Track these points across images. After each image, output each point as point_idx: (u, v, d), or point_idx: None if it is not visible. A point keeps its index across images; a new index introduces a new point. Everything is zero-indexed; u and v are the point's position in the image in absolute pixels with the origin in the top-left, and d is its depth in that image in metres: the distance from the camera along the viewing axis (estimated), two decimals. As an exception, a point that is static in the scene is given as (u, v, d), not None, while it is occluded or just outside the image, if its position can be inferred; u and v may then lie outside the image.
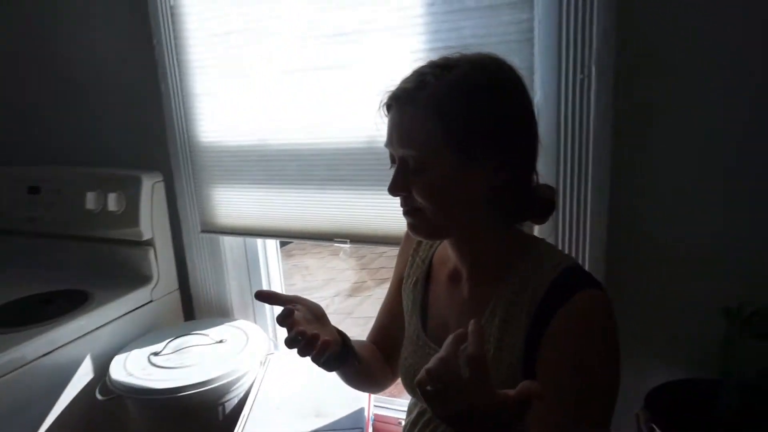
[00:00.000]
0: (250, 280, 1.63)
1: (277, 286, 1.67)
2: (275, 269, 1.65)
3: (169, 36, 1.41)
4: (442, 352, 0.59)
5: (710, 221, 1.09)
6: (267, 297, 0.85)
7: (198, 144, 1.46)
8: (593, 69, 1.07)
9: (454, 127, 0.70)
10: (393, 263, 1.05)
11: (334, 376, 0.96)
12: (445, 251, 0.88)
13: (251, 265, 1.62)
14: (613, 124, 1.09)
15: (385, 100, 0.77)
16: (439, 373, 0.58)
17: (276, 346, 1.62)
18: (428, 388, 0.59)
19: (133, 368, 1.34)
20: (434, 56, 0.77)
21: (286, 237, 1.45)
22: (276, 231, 1.43)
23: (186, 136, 1.47)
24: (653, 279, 1.15)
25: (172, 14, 1.39)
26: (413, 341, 0.89)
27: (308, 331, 0.76)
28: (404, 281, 0.94)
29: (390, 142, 0.76)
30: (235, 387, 1.34)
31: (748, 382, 1.05)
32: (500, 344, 0.76)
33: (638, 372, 1.08)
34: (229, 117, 1.40)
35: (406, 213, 0.78)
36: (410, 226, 0.79)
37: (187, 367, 1.33)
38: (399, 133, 0.74)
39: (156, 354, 1.40)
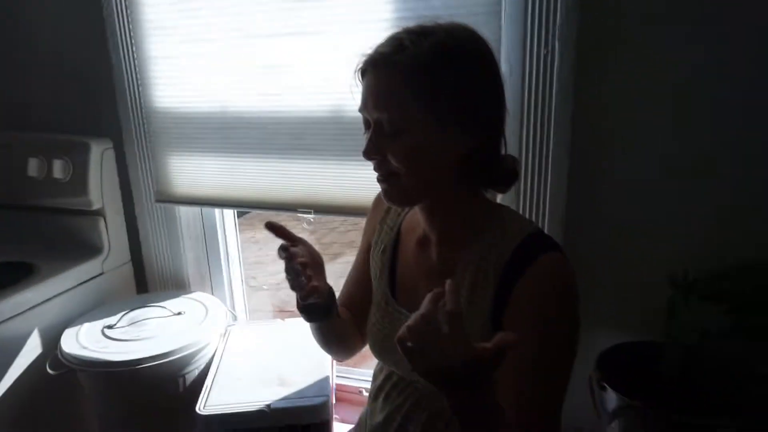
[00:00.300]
0: (207, 252, 1.59)
1: (235, 259, 1.64)
2: (233, 241, 1.62)
3: (119, -7, 1.33)
4: (422, 310, 0.61)
5: (660, 194, 1.16)
6: (276, 229, 0.84)
7: (153, 110, 1.40)
8: (557, 44, 1.10)
9: (428, 91, 0.71)
10: (344, 238, 1.06)
11: (296, 345, 0.97)
12: (414, 218, 0.90)
13: (209, 237, 1.58)
14: (575, 98, 1.13)
15: (360, 65, 0.77)
16: (419, 328, 0.60)
17: (235, 318, 1.60)
18: (409, 344, 0.61)
19: (87, 341, 1.30)
20: (405, 24, 0.77)
21: (248, 207, 1.42)
22: (237, 201, 1.40)
23: (140, 101, 1.40)
24: (606, 247, 1.21)
25: (124, -30, 1.31)
26: (381, 307, 0.91)
27: (307, 269, 0.80)
28: (372, 248, 0.95)
29: (365, 106, 0.76)
30: (195, 359, 1.32)
31: (690, 344, 1.13)
32: (470, 306, 0.79)
33: (591, 335, 1.14)
34: (188, 82, 1.35)
35: (380, 178, 0.79)
36: (384, 192, 0.79)
37: (144, 340, 1.30)
38: (375, 96, 0.74)
39: (110, 327, 1.35)
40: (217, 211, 1.55)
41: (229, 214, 1.59)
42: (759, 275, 1.01)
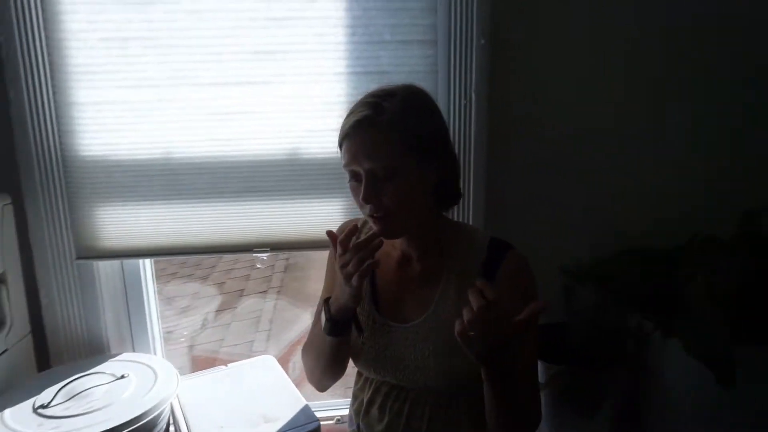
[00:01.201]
0: (128, 309, 1.48)
1: (155, 312, 1.55)
2: (152, 293, 1.53)
3: (33, 35, 1.22)
4: (474, 304, 0.78)
5: (555, 200, 1.51)
6: (335, 237, 0.94)
7: (76, 159, 1.29)
8: (473, 96, 1.40)
9: (410, 137, 0.89)
10: (242, 281, 1.18)
11: (260, 385, 1.04)
12: (386, 246, 1.01)
13: (131, 291, 1.47)
14: (488, 137, 1.44)
15: (346, 129, 0.90)
16: (477, 319, 0.77)
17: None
18: (471, 333, 0.79)
19: (21, 426, 1.12)
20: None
21: (198, 253, 1.39)
22: (185, 248, 1.37)
23: (56, 151, 1.28)
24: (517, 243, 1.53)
25: (44, 11, 1.22)
26: (369, 327, 1.03)
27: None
28: None
29: (354, 160, 0.90)
30: (160, 420, 1.23)
31: (585, 321, 1.49)
32: (459, 303, 0.94)
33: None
34: (125, 129, 1.29)
35: (377, 219, 0.92)
36: (383, 229, 0.93)
37: (100, 410, 1.17)
38: (365, 151, 0.89)
39: (45, 406, 1.18)
40: (141, 261, 1.46)
41: (149, 264, 1.50)
42: (633, 259, 1.42)
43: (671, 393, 1.37)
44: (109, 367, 1.34)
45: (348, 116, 0.92)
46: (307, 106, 1.32)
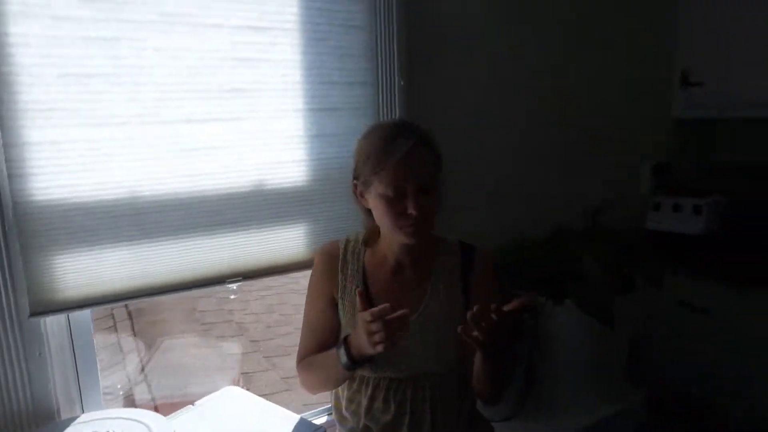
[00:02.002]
0: (76, 366, 1.34)
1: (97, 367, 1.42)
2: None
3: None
4: (475, 310, 1.00)
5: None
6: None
7: (30, 204, 1.17)
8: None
9: (439, 158, 1.15)
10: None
11: (237, 415, 1.31)
12: (375, 257, 1.23)
13: (78, 345, 1.34)
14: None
15: (399, 151, 1.08)
16: (477, 317, 1.00)
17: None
18: (474, 333, 1.01)
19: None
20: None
21: (168, 291, 1.34)
22: (153, 288, 1.32)
23: (7, 196, 1.14)
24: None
25: (-13, 44, 1.10)
26: None
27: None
28: (342, 295, 1.21)
29: (405, 178, 1.08)
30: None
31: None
32: (448, 296, 1.21)
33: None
34: (86, 169, 1.21)
35: (410, 225, 1.11)
36: (411, 233, 1.12)
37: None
38: (418, 168, 1.09)
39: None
40: (90, 311, 1.34)
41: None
42: (520, 247, 1.82)
43: (560, 349, 1.81)
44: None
45: (392, 141, 1.09)
46: (271, 140, 1.42)
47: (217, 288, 1.41)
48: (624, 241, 1.77)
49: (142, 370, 2.96)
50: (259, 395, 1.49)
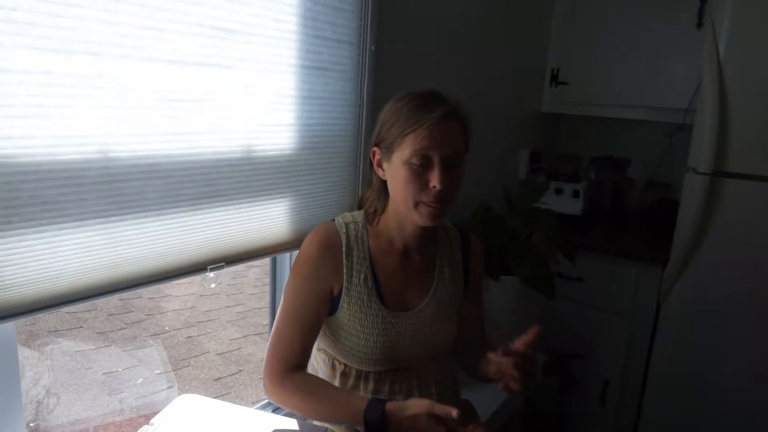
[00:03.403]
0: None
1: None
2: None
3: None
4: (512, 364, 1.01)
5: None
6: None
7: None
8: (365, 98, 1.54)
9: (468, 132, 1.07)
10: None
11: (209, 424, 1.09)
12: (381, 242, 1.12)
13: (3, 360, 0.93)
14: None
15: (433, 117, 0.99)
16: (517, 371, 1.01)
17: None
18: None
19: None
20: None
21: (141, 285, 1.01)
22: (123, 282, 0.98)
23: None
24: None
25: None
26: (378, 324, 1.08)
27: None
28: (347, 285, 1.07)
29: (433, 147, 0.99)
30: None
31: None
32: (453, 279, 1.19)
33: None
34: (42, 115, 0.84)
35: (435, 202, 1.02)
36: (435, 215, 1.03)
37: None
38: (448, 138, 1.01)
39: None
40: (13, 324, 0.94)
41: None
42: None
43: (493, 320, 1.91)
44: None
45: (425, 106, 0.99)
46: (262, 98, 1.18)
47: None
48: (545, 220, 1.94)
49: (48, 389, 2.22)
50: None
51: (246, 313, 3.51)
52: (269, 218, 1.25)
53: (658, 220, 2.26)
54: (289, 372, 1.05)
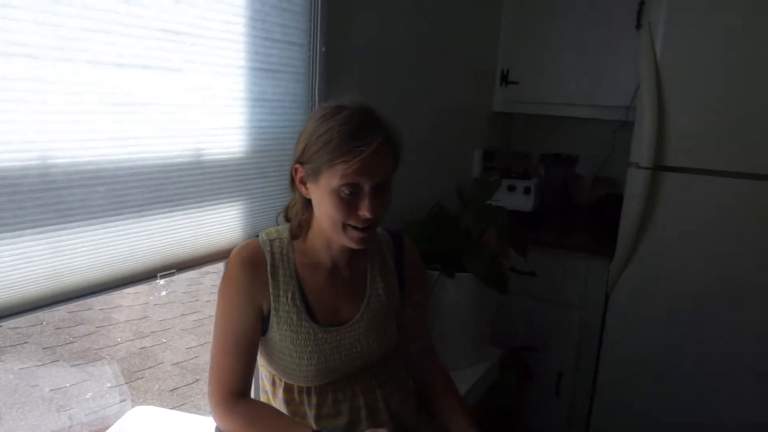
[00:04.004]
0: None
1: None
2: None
3: None
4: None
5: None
6: None
7: None
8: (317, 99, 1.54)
9: (397, 159, 1.04)
10: None
11: None
12: (306, 257, 1.09)
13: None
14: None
15: (364, 146, 0.94)
16: None
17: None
18: None
19: None
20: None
21: (84, 296, 0.97)
22: (65, 294, 0.94)
23: None
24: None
25: None
26: (310, 342, 1.06)
27: None
28: (274, 304, 1.05)
29: (364, 175, 0.96)
30: None
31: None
32: (387, 289, 1.16)
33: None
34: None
35: (365, 229, 1.00)
36: (364, 240, 1.02)
37: None
38: (378, 166, 0.97)
39: None
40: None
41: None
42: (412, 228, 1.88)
43: (449, 319, 1.94)
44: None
45: (358, 132, 0.95)
46: (211, 101, 1.16)
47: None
48: (497, 217, 1.99)
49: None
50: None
51: (203, 320, 3.44)
52: (221, 222, 1.23)
53: (604, 214, 2.34)
54: (233, 400, 1.02)
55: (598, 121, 2.45)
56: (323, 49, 1.45)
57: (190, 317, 3.47)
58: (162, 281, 1.13)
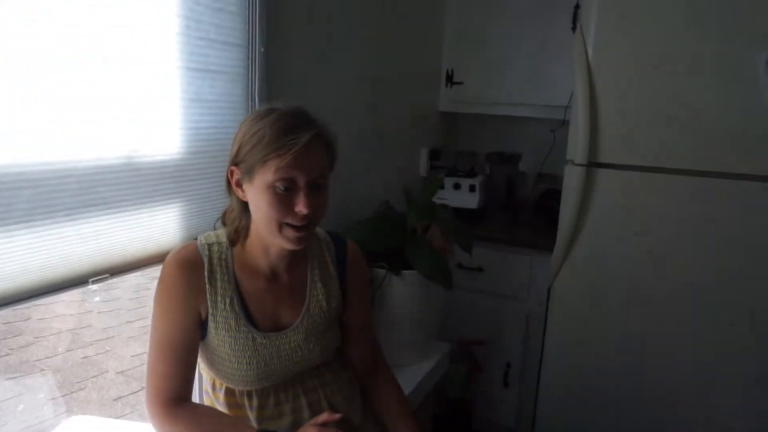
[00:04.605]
0: None
1: None
2: None
3: None
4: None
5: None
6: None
7: None
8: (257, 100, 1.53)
9: (334, 153, 1.06)
10: None
11: None
12: (244, 262, 1.09)
13: None
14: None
15: (298, 142, 0.96)
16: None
17: None
18: None
19: None
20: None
21: (12, 303, 0.94)
22: (3, 298, 0.91)
23: None
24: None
25: None
26: (249, 347, 1.05)
27: None
28: (213, 309, 1.04)
29: (298, 170, 0.96)
30: None
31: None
32: (327, 294, 1.16)
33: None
34: None
35: (302, 228, 1.00)
36: (300, 240, 1.01)
37: None
38: (313, 162, 0.99)
39: None
40: None
41: None
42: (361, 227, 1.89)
43: (397, 316, 1.96)
44: None
45: (290, 129, 0.96)
46: (145, 101, 1.14)
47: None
48: (441, 214, 2.03)
49: None
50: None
51: (149, 327, 3.33)
52: (159, 225, 1.21)
53: (546, 209, 2.43)
54: (173, 406, 1.01)
55: (540, 119, 2.54)
56: (262, 50, 1.44)
57: (136, 324, 3.36)
58: (95, 287, 1.10)
